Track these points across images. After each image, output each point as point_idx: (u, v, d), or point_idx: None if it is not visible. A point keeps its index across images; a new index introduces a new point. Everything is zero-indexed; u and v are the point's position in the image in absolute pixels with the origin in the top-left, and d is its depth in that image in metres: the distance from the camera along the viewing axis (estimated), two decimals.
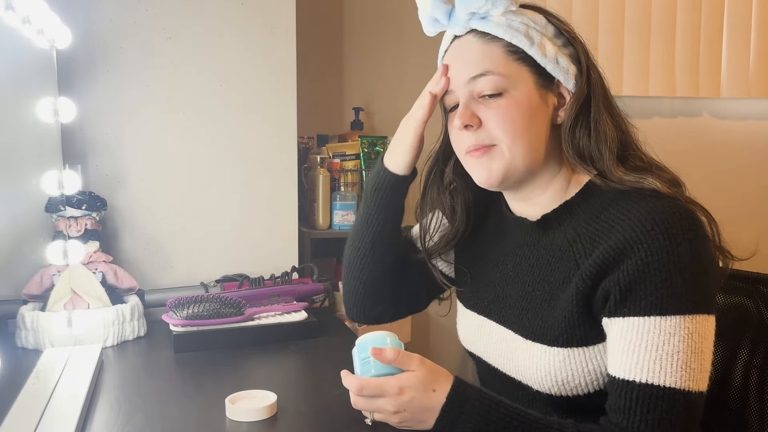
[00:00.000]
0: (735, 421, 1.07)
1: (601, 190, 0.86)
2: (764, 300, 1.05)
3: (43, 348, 1.19)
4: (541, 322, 0.87)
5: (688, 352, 0.76)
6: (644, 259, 0.77)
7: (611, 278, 0.79)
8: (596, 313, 0.83)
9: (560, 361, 0.84)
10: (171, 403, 1.01)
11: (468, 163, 0.91)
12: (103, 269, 1.34)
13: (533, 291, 0.90)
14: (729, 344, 1.09)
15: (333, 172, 1.85)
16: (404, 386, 0.78)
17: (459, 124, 0.87)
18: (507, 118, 0.85)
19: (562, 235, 0.88)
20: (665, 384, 0.76)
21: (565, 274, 0.86)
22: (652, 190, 0.83)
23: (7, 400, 0.87)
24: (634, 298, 0.78)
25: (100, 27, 1.45)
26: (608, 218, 0.83)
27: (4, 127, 1.01)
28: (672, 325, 0.76)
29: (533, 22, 0.87)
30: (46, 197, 1.28)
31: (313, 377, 1.19)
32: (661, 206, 0.80)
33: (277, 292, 1.42)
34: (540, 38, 0.86)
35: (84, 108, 1.37)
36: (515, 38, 0.85)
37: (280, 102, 1.59)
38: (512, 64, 0.86)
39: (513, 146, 0.86)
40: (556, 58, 0.86)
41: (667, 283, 0.76)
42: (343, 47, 2.16)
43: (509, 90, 0.85)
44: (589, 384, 0.84)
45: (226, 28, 1.53)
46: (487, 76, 0.86)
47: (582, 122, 0.87)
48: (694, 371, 0.76)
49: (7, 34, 0.97)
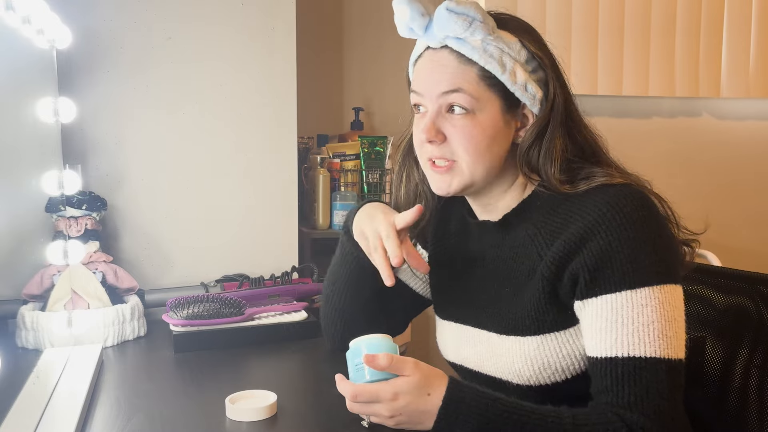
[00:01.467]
0: (735, 421, 1.07)
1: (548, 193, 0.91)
2: (764, 300, 1.05)
3: (43, 348, 1.19)
4: (512, 315, 0.91)
5: (662, 321, 0.80)
6: (606, 239, 0.82)
7: (576, 262, 0.84)
8: (564, 298, 0.87)
9: (534, 349, 0.88)
10: (171, 403, 1.01)
11: (428, 171, 0.95)
12: (103, 269, 1.34)
13: (502, 288, 0.94)
14: (729, 344, 1.09)
15: (333, 172, 1.85)
16: (399, 392, 0.79)
17: (424, 138, 0.90)
18: (470, 139, 0.89)
19: (523, 232, 0.92)
20: (646, 355, 0.79)
21: (529, 267, 0.90)
22: (602, 184, 0.87)
23: (7, 400, 0.87)
24: (603, 277, 0.82)
25: (100, 27, 1.44)
26: (565, 211, 0.88)
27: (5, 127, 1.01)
28: (643, 296, 0.81)
29: (507, 48, 0.88)
30: (46, 197, 1.28)
31: (313, 377, 1.19)
32: (614, 191, 0.85)
33: (277, 292, 1.42)
34: (512, 65, 0.88)
35: (84, 108, 1.37)
36: (489, 64, 0.87)
37: (280, 102, 1.59)
38: (483, 88, 0.89)
39: (473, 165, 0.90)
40: (526, 84, 0.89)
41: (631, 258, 0.81)
42: (343, 47, 2.16)
43: (476, 112, 0.88)
44: (566, 369, 0.88)
45: (226, 28, 1.53)
46: (459, 93, 0.88)
47: (536, 142, 0.90)
48: (671, 339, 0.80)
49: (7, 34, 0.97)
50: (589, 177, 0.89)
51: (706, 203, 2.68)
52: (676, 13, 2.51)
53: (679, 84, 2.53)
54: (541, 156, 0.89)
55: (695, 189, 2.62)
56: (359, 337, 0.87)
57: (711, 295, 1.13)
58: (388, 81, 2.19)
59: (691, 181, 2.62)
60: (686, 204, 0.93)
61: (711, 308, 1.13)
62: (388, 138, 1.96)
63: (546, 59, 0.90)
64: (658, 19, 2.49)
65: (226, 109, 1.55)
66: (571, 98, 0.93)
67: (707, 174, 2.66)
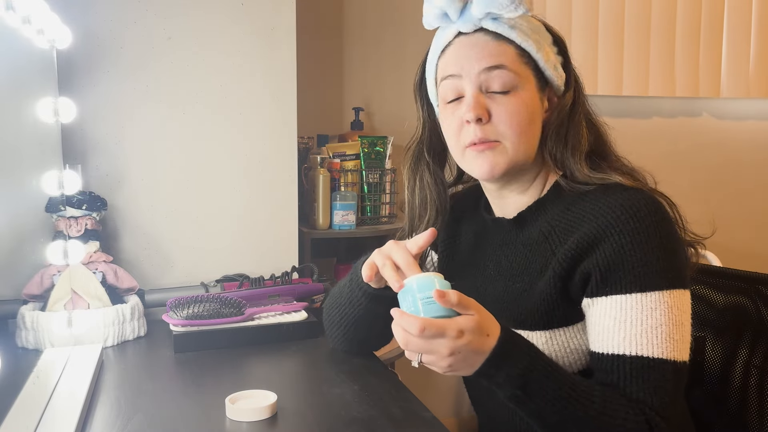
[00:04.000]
0: (735, 421, 1.07)
1: (569, 188, 0.92)
2: (764, 300, 1.05)
3: (43, 348, 1.19)
4: (522, 309, 0.91)
5: (670, 325, 0.82)
6: (619, 242, 0.83)
7: (589, 261, 0.85)
8: (574, 295, 0.88)
9: (543, 343, 0.89)
10: (171, 403, 1.01)
11: (468, 155, 0.92)
12: (103, 269, 1.34)
13: (513, 284, 0.94)
14: (729, 344, 1.10)
15: (333, 172, 1.85)
16: (464, 329, 0.75)
17: (472, 116, 0.88)
18: (515, 115, 0.89)
19: (537, 230, 0.93)
20: (653, 355, 0.81)
21: (542, 263, 0.91)
22: (617, 183, 0.89)
23: (7, 400, 0.87)
24: (615, 278, 0.83)
25: (100, 27, 1.45)
26: (580, 210, 0.89)
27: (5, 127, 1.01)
28: (653, 300, 0.82)
29: (537, 28, 0.91)
30: (46, 197, 1.29)
31: (313, 377, 1.19)
32: (628, 195, 0.86)
33: (277, 292, 1.42)
34: (543, 44, 0.91)
35: (84, 108, 1.37)
36: (525, 42, 0.89)
37: (280, 102, 1.59)
38: (521, 65, 0.90)
39: (517, 144, 0.90)
40: (555, 64, 0.92)
41: (643, 262, 0.82)
42: (343, 47, 2.16)
43: (518, 89, 0.89)
44: (572, 363, 0.89)
45: (227, 27, 1.53)
46: (502, 70, 0.88)
47: (564, 126, 0.92)
48: (677, 342, 0.82)
49: (7, 34, 0.97)
50: (605, 170, 0.91)
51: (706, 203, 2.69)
52: (676, 13, 2.51)
53: (679, 84, 2.53)
54: (569, 140, 0.91)
55: (695, 189, 2.62)
56: (413, 276, 0.82)
57: (711, 295, 1.13)
58: (388, 81, 2.19)
59: (690, 181, 2.63)
60: (686, 204, 0.93)
61: (711, 308, 1.13)
62: (388, 138, 1.96)
63: (564, 45, 0.94)
64: (658, 19, 2.49)
65: (226, 109, 1.55)
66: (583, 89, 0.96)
67: (707, 174, 2.67)
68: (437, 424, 0.91)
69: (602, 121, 0.98)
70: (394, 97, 2.19)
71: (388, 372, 1.12)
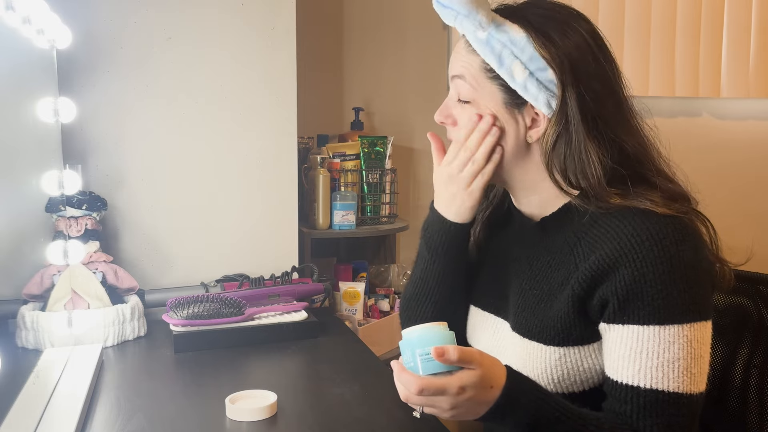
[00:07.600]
0: (735, 421, 1.07)
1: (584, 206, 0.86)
2: (764, 300, 1.05)
3: (44, 348, 1.19)
4: (538, 321, 0.89)
5: (688, 359, 0.79)
6: (640, 269, 0.79)
7: (607, 286, 0.81)
8: (593, 317, 0.85)
9: (556, 359, 0.86)
10: (171, 403, 1.01)
11: None
12: (103, 269, 1.34)
13: (530, 289, 0.92)
14: (729, 344, 1.10)
15: (333, 172, 1.85)
16: (466, 385, 0.74)
17: (436, 118, 0.93)
18: (467, 126, 0.89)
19: (563, 238, 0.89)
20: (669, 389, 0.78)
21: (564, 276, 0.87)
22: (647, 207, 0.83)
23: (7, 400, 0.87)
24: (633, 308, 0.80)
25: (100, 27, 1.45)
26: (606, 225, 0.84)
27: (5, 127, 1.01)
28: (671, 334, 0.79)
29: (510, 43, 0.85)
30: (46, 197, 1.28)
31: (313, 377, 1.19)
32: (656, 218, 0.81)
33: (277, 292, 1.42)
34: (511, 62, 0.85)
35: (84, 108, 1.37)
36: (487, 57, 0.86)
37: (280, 102, 1.59)
38: (484, 79, 0.88)
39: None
40: (525, 84, 0.85)
41: (663, 294, 0.79)
42: (343, 47, 2.16)
43: (477, 101, 0.89)
44: (584, 382, 0.87)
45: (227, 27, 1.53)
46: (461, 80, 0.90)
47: (563, 148, 0.86)
48: (695, 375, 0.79)
49: (7, 34, 0.97)
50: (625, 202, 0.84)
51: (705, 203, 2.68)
52: (676, 13, 2.50)
53: (679, 84, 2.53)
54: (576, 163, 0.85)
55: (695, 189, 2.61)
56: (414, 327, 0.79)
57: None
58: (388, 81, 2.18)
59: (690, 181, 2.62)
60: None
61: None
62: (388, 138, 1.95)
63: (555, 59, 0.83)
64: (658, 19, 2.49)
65: (226, 109, 1.55)
66: (606, 100, 0.86)
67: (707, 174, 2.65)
68: (437, 424, 0.91)
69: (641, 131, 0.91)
70: (394, 97, 2.18)
71: (389, 372, 1.12)
